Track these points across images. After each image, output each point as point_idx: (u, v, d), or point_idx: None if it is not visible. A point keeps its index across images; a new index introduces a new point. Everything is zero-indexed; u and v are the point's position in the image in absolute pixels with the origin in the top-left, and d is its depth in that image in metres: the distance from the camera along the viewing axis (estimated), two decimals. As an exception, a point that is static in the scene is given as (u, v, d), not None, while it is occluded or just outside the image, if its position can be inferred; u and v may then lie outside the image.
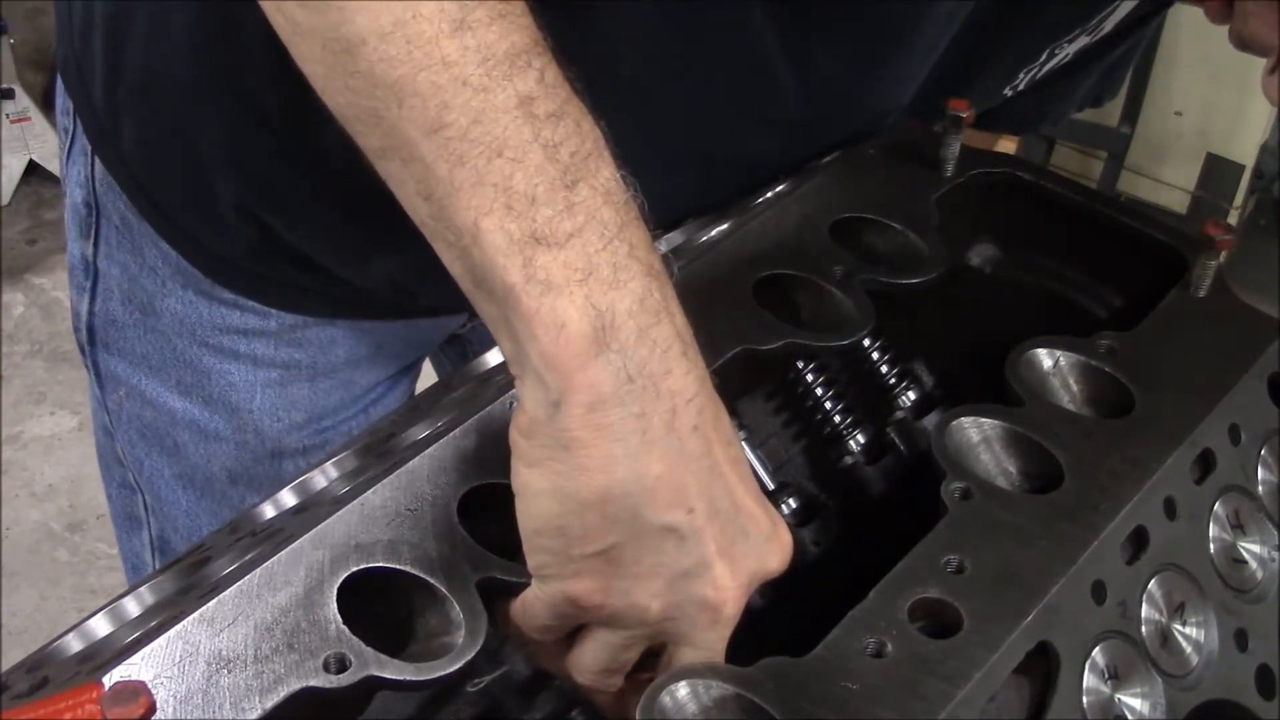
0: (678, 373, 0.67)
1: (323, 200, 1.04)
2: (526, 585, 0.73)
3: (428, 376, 1.39)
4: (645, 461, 0.65)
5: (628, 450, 0.65)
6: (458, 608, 0.70)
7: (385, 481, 0.76)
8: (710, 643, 0.71)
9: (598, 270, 0.65)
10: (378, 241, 1.05)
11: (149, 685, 0.63)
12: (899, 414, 1.07)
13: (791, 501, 0.99)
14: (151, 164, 1.08)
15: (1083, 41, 1.06)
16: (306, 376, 1.18)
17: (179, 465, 1.21)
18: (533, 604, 0.72)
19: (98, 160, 1.12)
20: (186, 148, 1.05)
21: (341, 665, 0.66)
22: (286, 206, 1.05)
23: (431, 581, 0.70)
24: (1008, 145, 3.11)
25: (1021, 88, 1.09)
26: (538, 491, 0.67)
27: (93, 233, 1.16)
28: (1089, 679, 0.73)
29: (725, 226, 0.99)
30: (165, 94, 1.03)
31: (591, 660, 0.74)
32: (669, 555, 0.68)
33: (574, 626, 0.74)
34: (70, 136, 1.16)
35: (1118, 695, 0.75)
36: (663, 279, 0.68)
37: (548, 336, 0.64)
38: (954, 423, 0.82)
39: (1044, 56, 1.06)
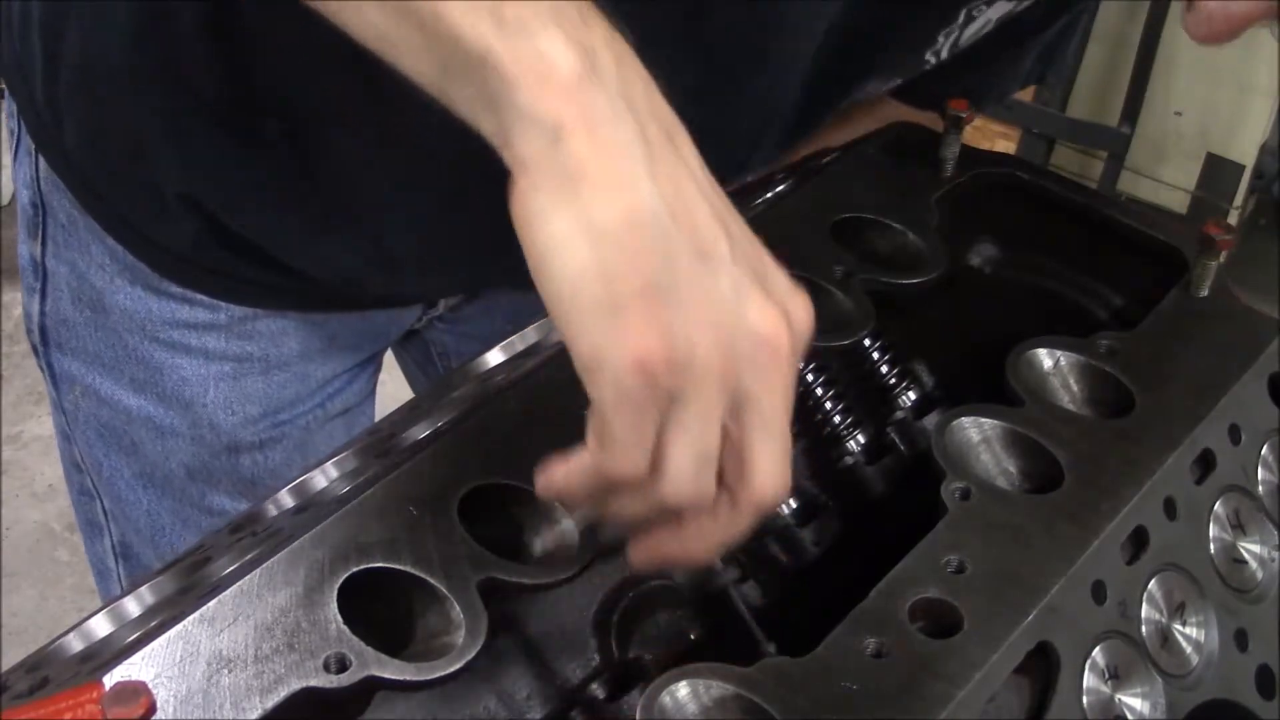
0: (659, 100, 0.65)
1: (266, 188, 1.04)
2: (527, 585, 0.72)
3: (392, 372, 1.40)
4: (660, 179, 0.63)
5: (640, 167, 0.62)
6: (458, 608, 0.70)
7: (385, 481, 0.76)
8: (776, 387, 0.67)
9: (564, 13, 0.63)
10: (321, 229, 1.06)
11: (149, 685, 0.63)
12: (899, 414, 1.07)
13: (791, 501, 0.99)
14: (94, 158, 1.09)
15: (1003, 6, 1.04)
16: (259, 370, 1.18)
17: (137, 464, 1.21)
18: (601, 418, 0.66)
19: (42, 159, 1.13)
20: (128, 139, 1.05)
21: (341, 665, 0.66)
22: (229, 195, 1.05)
23: (431, 581, 0.70)
24: (1007, 145, 3.11)
25: (944, 55, 1.07)
26: (564, 240, 0.62)
27: (40, 232, 1.17)
28: (1089, 679, 0.73)
29: (725, 226, 0.99)
30: (104, 85, 1.04)
31: (682, 458, 0.67)
32: (707, 279, 0.64)
33: (648, 445, 0.67)
34: (16, 138, 1.16)
35: (1118, 695, 0.75)
36: (621, 33, 0.66)
37: (534, 75, 0.62)
38: (954, 423, 0.82)
39: (961, 18, 1.03)
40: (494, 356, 0.94)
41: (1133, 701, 0.75)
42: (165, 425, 1.18)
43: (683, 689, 0.67)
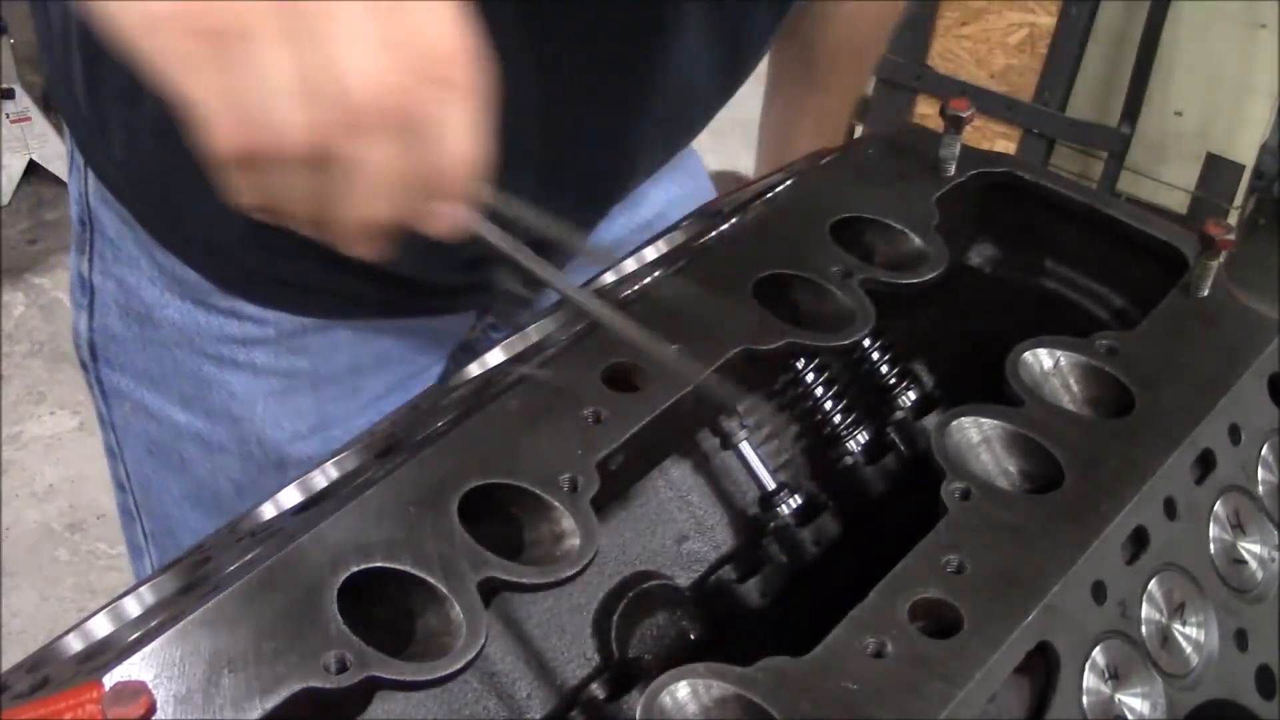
0: None
1: None
2: (527, 585, 0.72)
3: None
4: None
5: None
6: (458, 608, 0.70)
7: (385, 481, 0.76)
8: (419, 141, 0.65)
9: None
10: None
11: (149, 685, 0.63)
12: (899, 414, 1.07)
13: (791, 501, 0.99)
14: (141, 166, 1.08)
15: None
16: (309, 385, 1.17)
17: (186, 482, 1.20)
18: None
19: (90, 173, 1.13)
20: (173, 142, 1.05)
21: (341, 665, 0.66)
22: None
23: (431, 581, 0.70)
24: (1007, 145, 3.11)
25: None
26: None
27: (88, 248, 1.17)
28: (1089, 679, 0.73)
29: (725, 227, 0.99)
30: (146, 91, 1.03)
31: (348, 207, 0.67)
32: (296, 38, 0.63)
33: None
34: (70, 154, 1.16)
35: (1118, 695, 0.75)
36: None
37: None
38: (954, 423, 0.82)
39: None
40: (494, 357, 0.94)
41: (1133, 701, 0.75)
42: (214, 441, 1.17)
43: (683, 689, 0.67)
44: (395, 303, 1.16)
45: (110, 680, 0.65)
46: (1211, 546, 0.82)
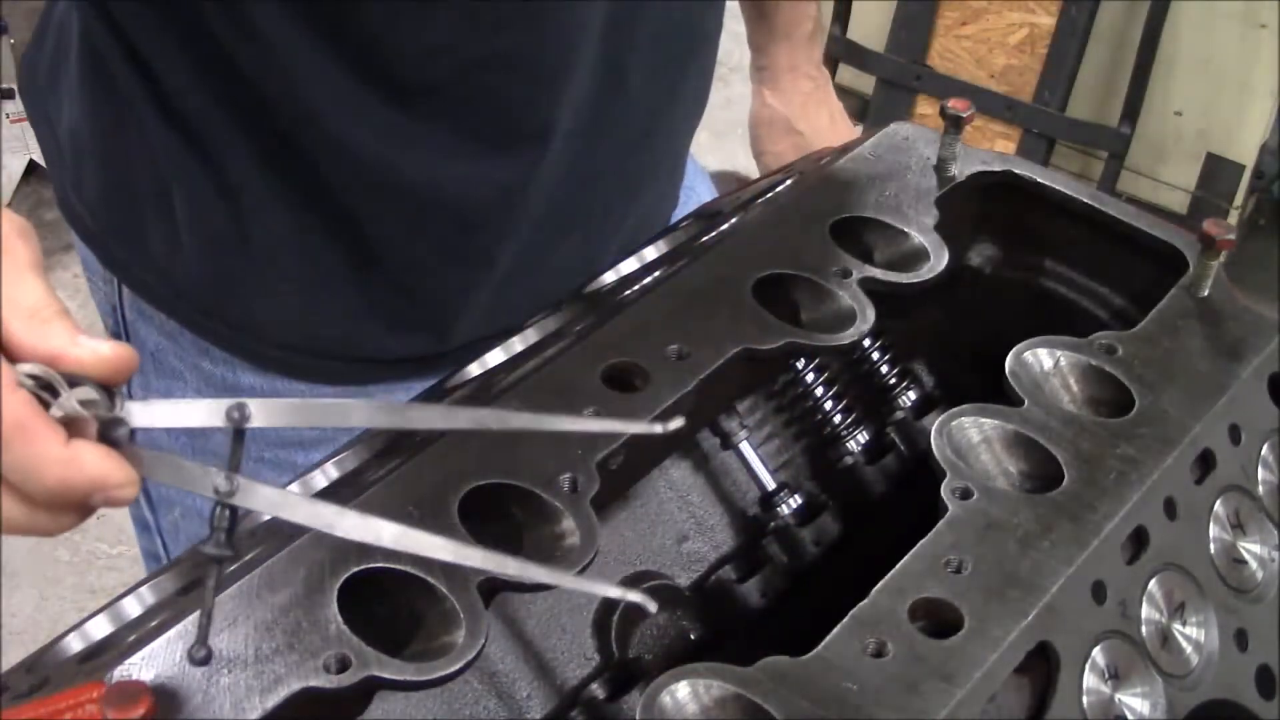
0: None
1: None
2: (527, 585, 0.72)
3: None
4: None
5: None
6: (458, 608, 0.70)
7: (385, 481, 0.76)
8: None
9: None
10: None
11: (149, 685, 0.63)
12: (899, 414, 1.07)
13: (791, 502, 0.99)
14: (186, 264, 1.07)
15: None
16: None
17: None
18: None
19: (124, 288, 1.11)
20: (218, 230, 1.05)
21: (342, 665, 0.66)
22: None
23: (431, 581, 0.70)
24: (1007, 145, 3.11)
25: None
26: None
27: None
28: (1089, 679, 0.73)
29: (725, 227, 0.99)
30: (179, 186, 1.04)
31: None
32: None
33: None
34: (87, 273, 1.15)
35: (1118, 695, 0.75)
36: None
37: None
38: (954, 423, 0.82)
39: None
40: (494, 357, 0.94)
41: (1133, 701, 0.75)
42: None
43: (683, 689, 0.67)
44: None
45: (110, 680, 0.65)
46: (1211, 546, 0.82)
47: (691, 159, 1.30)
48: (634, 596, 0.64)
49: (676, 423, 0.65)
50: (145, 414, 0.67)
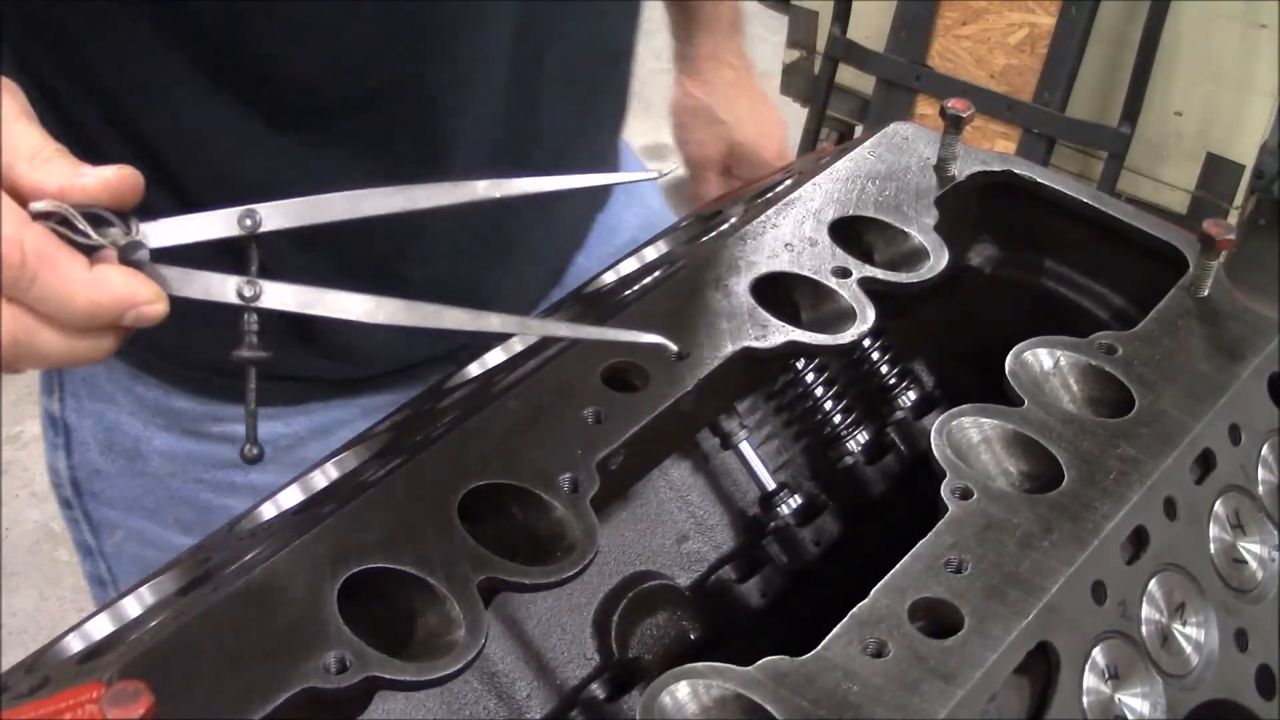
0: None
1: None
2: (527, 585, 0.72)
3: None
4: None
5: None
6: (458, 608, 0.70)
7: (385, 481, 0.76)
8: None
9: None
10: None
11: (149, 685, 0.63)
12: (899, 414, 1.07)
13: (791, 502, 0.99)
14: None
15: None
16: None
17: None
18: None
19: None
20: None
21: (341, 665, 0.66)
22: None
23: (431, 581, 0.70)
24: (1007, 145, 3.11)
25: None
26: None
27: (58, 389, 1.15)
28: (1089, 679, 0.73)
29: (725, 226, 0.99)
30: None
31: None
32: None
33: None
34: None
35: (1118, 695, 0.75)
36: None
37: None
38: (954, 423, 0.82)
39: None
40: (494, 357, 0.94)
41: (1133, 701, 0.75)
42: None
43: (683, 689, 0.67)
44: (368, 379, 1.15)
45: (110, 680, 0.65)
46: (1211, 546, 0.82)
47: (630, 151, 1.30)
48: (649, 338, 0.70)
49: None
50: (161, 233, 0.70)
